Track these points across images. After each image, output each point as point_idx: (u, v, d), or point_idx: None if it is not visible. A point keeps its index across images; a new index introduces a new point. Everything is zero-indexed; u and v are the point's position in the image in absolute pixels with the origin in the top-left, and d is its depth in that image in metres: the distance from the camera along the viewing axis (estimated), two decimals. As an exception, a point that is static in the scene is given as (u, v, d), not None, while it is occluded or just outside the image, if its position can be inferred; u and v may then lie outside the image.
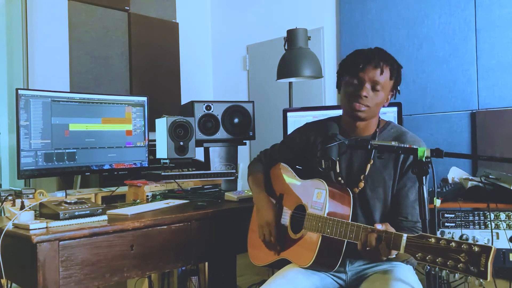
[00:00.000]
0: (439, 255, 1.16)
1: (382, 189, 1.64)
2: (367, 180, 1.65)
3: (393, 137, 1.67)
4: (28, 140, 2.22)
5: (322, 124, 1.82)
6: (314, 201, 1.62)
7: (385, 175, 1.64)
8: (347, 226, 1.45)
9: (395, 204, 1.63)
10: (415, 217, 1.58)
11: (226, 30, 4.60)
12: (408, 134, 1.69)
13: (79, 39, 3.66)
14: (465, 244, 1.12)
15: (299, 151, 1.85)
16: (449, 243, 1.15)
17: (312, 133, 1.82)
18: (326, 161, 1.61)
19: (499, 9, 2.89)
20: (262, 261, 1.80)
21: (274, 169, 1.93)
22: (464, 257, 1.12)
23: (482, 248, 1.09)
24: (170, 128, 2.49)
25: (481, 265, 1.08)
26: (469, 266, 1.10)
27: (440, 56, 3.12)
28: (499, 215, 1.95)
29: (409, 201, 1.60)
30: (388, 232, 1.32)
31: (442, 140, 3.05)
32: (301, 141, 1.85)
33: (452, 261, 1.13)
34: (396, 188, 1.63)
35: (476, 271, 1.09)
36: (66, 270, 1.63)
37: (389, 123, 1.74)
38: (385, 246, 1.31)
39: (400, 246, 1.26)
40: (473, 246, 1.11)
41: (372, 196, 1.64)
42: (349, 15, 3.60)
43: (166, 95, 4.15)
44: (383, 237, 1.32)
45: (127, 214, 1.91)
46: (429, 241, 1.19)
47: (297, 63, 2.96)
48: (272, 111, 3.84)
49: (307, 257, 1.56)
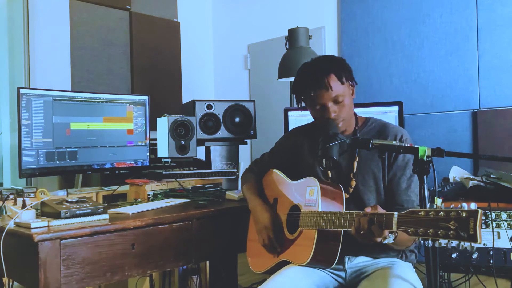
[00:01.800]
0: (430, 227, 1.18)
1: (373, 181, 1.66)
2: (357, 177, 1.66)
3: (375, 131, 1.71)
4: (29, 139, 2.23)
5: (308, 128, 1.87)
6: (307, 199, 1.63)
7: (374, 168, 1.67)
8: (341, 216, 1.47)
9: (389, 194, 1.66)
10: (410, 204, 1.61)
11: (227, 29, 4.60)
12: (390, 125, 1.73)
13: (80, 38, 3.66)
14: (453, 212, 1.15)
15: (289, 156, 1.89)
16: (438, 213, 1.17)
17: (299, 137, 1.86)
18: (327, 161, 1.61)
19: (500, 8, 2.89)
20: (262, 267, 1.81)
21: (266, 176, 1.96)
22: (453, 224, 1.14)
23: (469, 212, 1.12)
24: (171, 127, 2.49)
25: (470, 228, 1.11)
26: (459, 232, 1.13)
27: (442, 55, 3.12)
28: (500, 215, 1.95)
29: (402, 189, 1.63)
30: (380, 213, 1.33)
31: (443, 139, 3.05)
32: (289, 146, 1.89)
33: (443, 230, 1.15)
34: (387, 179, 1.66)
35: (467, 236, 1.11)
36: (68, 269, 1.64)
37: (368, 119, 1.78)
38: (377, 227, 1.32)
39: (392, 224, 1.28)
40: (460, 212, 1.13)
41: (365, 191, 1.66)
42: (350, 14, 3.60)
43: (167, 94, 4.16)
44: (375, 219, 1.33)
45: (128, 213, 1.91)
46: (419, 214, 1.21)
47: (298, 63, 2.94)
48: (273, 110, 3.84)
49: (305, 254, 1.56)
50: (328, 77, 1.62)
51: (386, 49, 3.40)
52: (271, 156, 1.98)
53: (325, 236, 1.54)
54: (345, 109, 1.66)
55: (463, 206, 1.15)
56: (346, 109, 1.66)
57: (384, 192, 1.67)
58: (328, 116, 1.64)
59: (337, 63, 1.68)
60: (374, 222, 1.33)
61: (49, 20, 3.53)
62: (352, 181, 1.67)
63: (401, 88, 3.32)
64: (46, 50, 3.50)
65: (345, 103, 1.65)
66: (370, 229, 1.34)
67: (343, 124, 1.70)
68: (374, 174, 1.66)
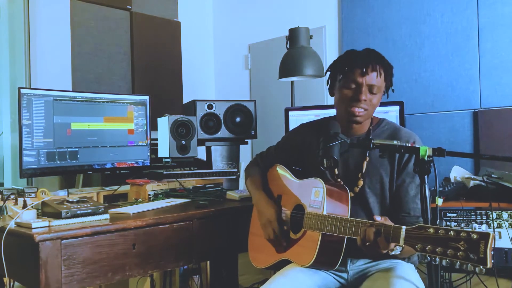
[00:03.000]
0: (439, 245, 1.16)
1: (379, 185, 1.65)
2: (364, 177, 1.65)
3: (387, 134, 1.69)
4: (30, 139, 2.23)
5: (317, 124, 1.84)
6: (312, 200, 1.62)
7: (382, 171, 1.65)
8: (346, 223, 1.46)
9: (396, 201, 1.63)
10: (418, 212, 1.59)
11: (228, 29, 4.60)
12: (402, 130, 1.70)
13: (81, 38, 3.66)
14: (463, 232, 1.13)
15: (295, 152, 1.86)
16: (447, 232, 1.15)
17: (307, 134, 1.83)
18: (328, 160, 1.61)
19: (502, 8, 2.88)
20: (263, 263, 1.80)
21: (271, 171, 1.94)
22: (463, 245, 1.12)
23: (480, 235, 1.10)
24: (172, 127, 2.49)
25: (481, 252, 1.08)
26: (468, 253, 1.10)
27: (443, 55, 3.12)
28: (501, 214, 1.94)
29: (410, 197, 1.61)
30: (387, 225, 1.32)
31: (444, 139, 3.05)
32: (296, 142, 1.86)
33: (452, 250, 1.13)
34: (395, 184, 1.64)
35: (476, 258, 1.09)
36: (68, 269, 1.64)
37: (382, 120, 1.76)
38: (383, 240, 1.31)
39: (399, 238, 1.26)
40: (471, 234, 1.11)
41: (371, 193, 1.64)
42: (351, 14, 3.60)
43: (168, 94, 4.15)
44: (382, 230, 1.32)
45: (129, 213, 1.91)
46: (427, 231, 1.19)
47: (299, 62, 2.96)
48: (274, 110, 3.84)
49: (308, 256, 1.56)
50: (381, 66, 1.62)
51: (387, 48, 3.39)
52: (277, 151, 1.95)
53: (329, 240, 1.53)
54: (373, 103, 1.64)
55: (474, 227, 1.12)
56: (373, 104, 1.64)
57: (390, 198, 1.65)
58: (359, 97, 1.59)
59: (390, 65, 1.68)
60: (381, 234, 1.32)
61: (49, 20, 3.53)
62: (360, 181, 1.65)
63: (402, 88, 3.32)
64: (47, 50, 3.50)
65: (376, 99, 1.64)
66: (376, 241, 1.33)
67: (360, 125, 1.68)
68: (381, 178, 1.64)
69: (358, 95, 1.60)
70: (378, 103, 1.67)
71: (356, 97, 1.61)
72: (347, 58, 1.66)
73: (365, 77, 1.60)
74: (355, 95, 1.61)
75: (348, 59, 1.65)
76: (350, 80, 1.62)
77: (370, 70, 1.59)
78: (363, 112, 1.62)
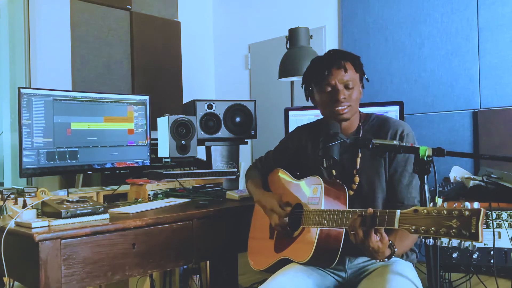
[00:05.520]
0: (432, 225, 1.18)
1: (377, 179, 1.66)
2: (360, 174, 1.66)
3: (376, 126, 1.71)
4: (30, 139, 2.23)
5: (312, 126, 1.86)
6: (311, 197, 1.63)
7: (376, 164, 1.66)
8: (343, 214, 1.48)
9: (390, 191, 1.66)
10: (411, 201, 1.61)
11: (228, 29, 4.60)
12: (391, 119, 1.73)
13: (81, 38, 3.67)
14: (455, 210, 1.15)
15: (293, 155, 1.89)
16: (440, 212, 1.17)
17: (303, 137, 1.86)
18: (328, 160, 1.61)
19: (501, 8, 2.89)
20: (263, 264, 1.80)
21: (272, 175, 1.96)
22: (455, 222, 1.14)
23: (472, 211, 1.12)
24: (172, 127, 2.49)
25: (472, 227, 1.10)
26: (461, 230, 1.12)
27: (442, 55, 3.12)
28: (501, 215, 1.94)
29: (403, 186, 1.63)
30: (382, 211, 1.33)
31: (444, 139, 3.05)
32: (293, 145, 1.89)
33: (445, 228, 1.15)
34: (388, 175, 1.66)
35: (468, 234, 1.11)
36: (68, 269, 1.64)
37: (370, 115, 1.78)
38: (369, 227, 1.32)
39: (394, 222, 1.27)
40: (463, 211, 1.13)
41: (369, 188, 1.65)
42: (351, 13, 3.60)
43: (168, 94, 4.16)
44: (377, 216, 1.32)
45: (129, 213, 1.91)
46: (421, 212, 1.21)
47: (299, 62, 2.96)
48: (274, 110, 3.84)
49: (306, 251, 1.56)
50: (345, 61, 1.65)
51: (387, 48, 3.40)
52: (275, 154, 1.98)
53: (326, 235, 1.54)
54: (354, 98, 1.66)
55: (466, 205, 1.15)
56: (354, 98, 1.67)
57: (386, 189, 1.67)
58: (337, 98, 1.63)
59: (355, 56, 1.71)
60: (376, 220, 1.32)
61: (49, 20, 3.53)
62: (356, 177, 1.67)
63: (401, 88, 3.32)
64: (47, 49, 3.50)
65: (355, 92, 1.66)
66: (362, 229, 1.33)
67: (349, 123, 1.71)
68: (377, 171, 1.66)
69: (336, 96, 1.64)
70: (360, 95, 1.70)
71: (335, 98, 1.65)
72: (312, 67, 1.72)
73: (335, 76, 1.64)
74: (334, 97, 1.65)
75: (314, 68, 1.71)
76: (323, 85, 1.67)
77: (335, 69, 1.64)
78: (347, 109, 1.66)
